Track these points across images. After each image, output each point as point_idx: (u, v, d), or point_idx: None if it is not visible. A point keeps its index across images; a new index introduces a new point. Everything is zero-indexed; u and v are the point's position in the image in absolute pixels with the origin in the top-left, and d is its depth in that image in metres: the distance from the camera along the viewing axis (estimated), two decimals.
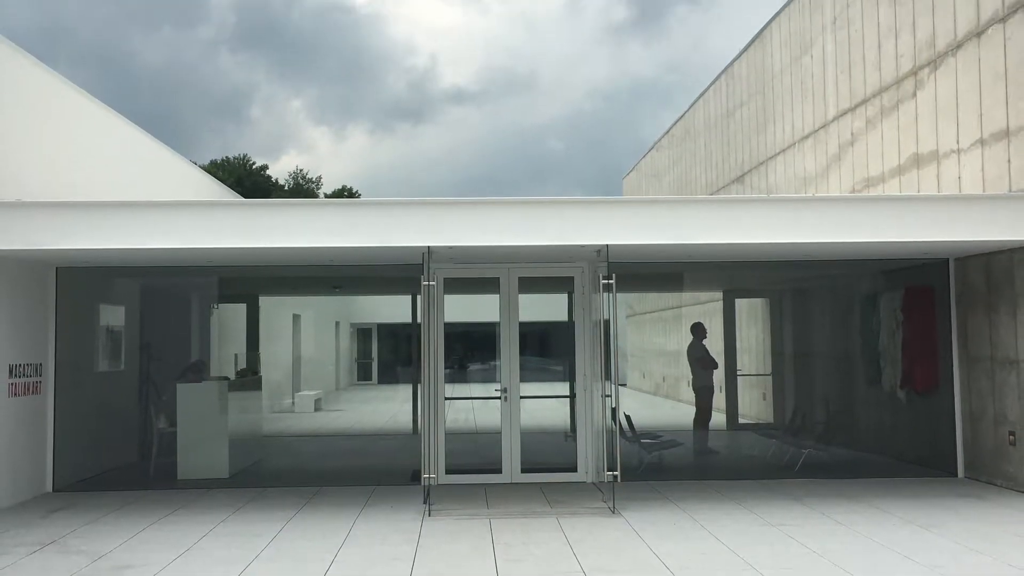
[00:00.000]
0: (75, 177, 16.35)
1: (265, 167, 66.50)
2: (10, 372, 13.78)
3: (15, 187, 14.00)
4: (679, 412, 22.27)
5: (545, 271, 15.60)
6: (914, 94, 16.14)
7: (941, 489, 13.94)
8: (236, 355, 21.20)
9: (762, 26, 23.63)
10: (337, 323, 31.40)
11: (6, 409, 13.65)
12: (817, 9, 20.14)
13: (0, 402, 13.52)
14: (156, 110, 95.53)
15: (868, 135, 17.77)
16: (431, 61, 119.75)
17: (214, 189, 26.51)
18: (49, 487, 14.81)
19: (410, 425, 20.02)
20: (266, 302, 23.05)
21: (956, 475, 15.12)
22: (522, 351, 15.31)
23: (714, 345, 19.87)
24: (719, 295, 22.26)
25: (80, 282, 15.61)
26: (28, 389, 14.28)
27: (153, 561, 10.08)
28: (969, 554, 9.98)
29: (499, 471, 15.07)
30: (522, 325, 15.36)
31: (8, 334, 13.81)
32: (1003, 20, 13.77)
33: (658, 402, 26.90)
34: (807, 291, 20.48)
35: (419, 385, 15.40)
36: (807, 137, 20.60)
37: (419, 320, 14.81)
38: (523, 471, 15.05)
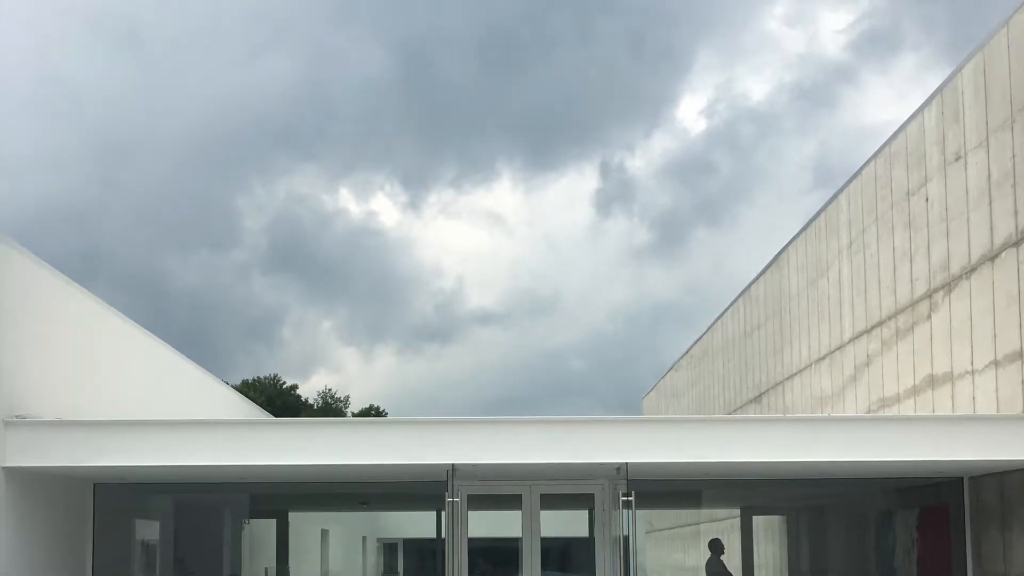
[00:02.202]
0: (112, 396, 16.71)
1: (295, 387, 67.19)
2: None
3: (54, 406, 14.32)
4: None
5: (566, 488, 15.81)
6: (929, 316, 16.24)
7: None
8: (266, 569, 21.35)
9: (779, 250, 24.05)
10: (364, 538, 31.44)
11: None
12: (833, 234, 20.45)
13: None
14: (191, 331, 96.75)
15: (884, 356, 17.88)
16: (458, 283, 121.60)
17: (245, 408, 26.99)
18: None
19: None
20: (295, 518, 23.25)
21: None
22: (544, 566, 15.44)
23: (731, 561, 19.87)
24: (737, 512, 22.30)
25: (117, 498, 15.84)
26: None
27: None
28: None
29: None
30: (544, 540, 15.53)
31: (47, 548, 14.06)
32: (1016, 244, 13.93)
33: None
34: (823, 508, 20.46)
35: None
36: (823, 358, 20.79)
37: (444, 535, 15.06)
38: None
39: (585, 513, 16.61)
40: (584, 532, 16.59)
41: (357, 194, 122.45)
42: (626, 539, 14.14)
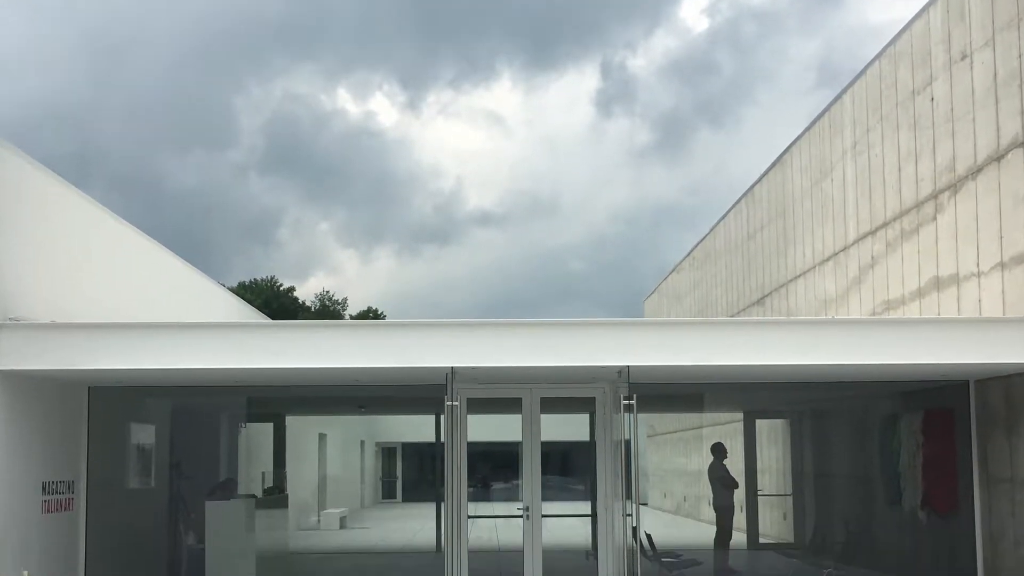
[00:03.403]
0: (107, 298, 16.60)
1: (292, 289, 67.03)
2: (44, 489, 13.94)
3: (49, 308, 14.21)
4: (700, 531, 22.23)
5: (567, 391, 15.71)
6: (934, 217, 16.11)
7: None
8: (263, 473, 21.34)
9: (783, 150, 23.80)
10: (362, 442, 31.51)
11: (40, 525, 13.78)
12: (837, 134, 20.26)
13: (34, 518, 13.65)
14: (187, 233, 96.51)
15: (888, 258, 17.75)
16: (457, 184, 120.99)
17: (242, 311, 26.86)
18: None
19: (434, 543, 20.05)
20: (293, 421, 23.21)
21: None
22: (544, 470, 15.40)
23: (734, 465, 19.86)
24: (739, 416, 22.27)
25: (112, 401, 15.76)
26: (61, 506, 14.44)
27: None
28: None
29: None
30: (544, 444, 15.46)
31: (42, 452, 13.97)
32: (1023, 144, 13.76)
33: (679, 521, 26.85)
34: (827, 412, 20.49)
35: (443, 503, 15.55)
36: (827, 260, 20.64)
37: (443, 439, 14.97)
38: None
39: (586, 417, 16.55)
40: (585, 436, 16.52)
41: (355, 94, 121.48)
42: (627, 443, 13.98)
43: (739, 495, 19.80)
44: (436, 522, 19.84)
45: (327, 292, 70.55)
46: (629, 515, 13.70)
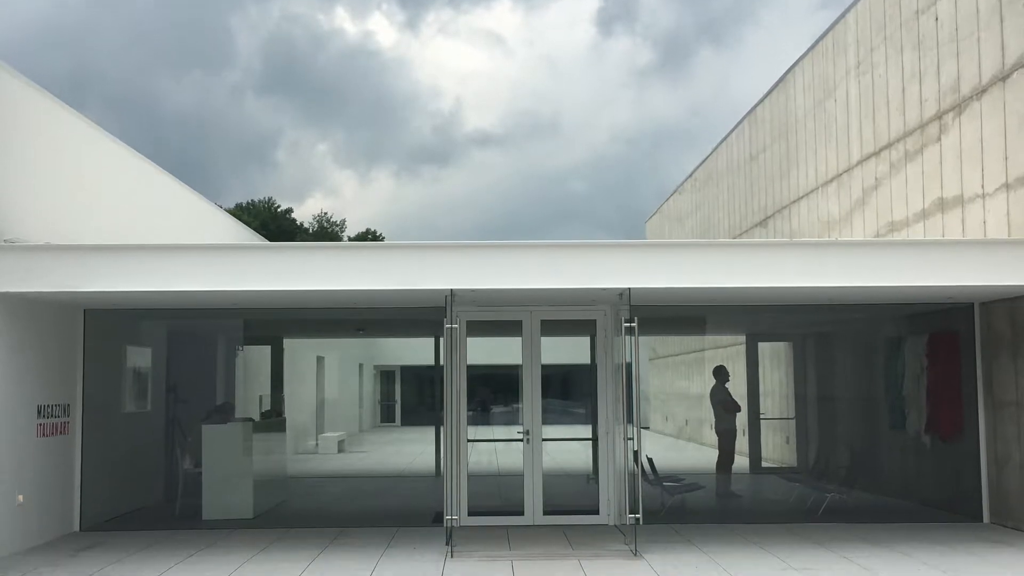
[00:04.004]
0: (103, 220, 16.51)
1: (290, 211, 66.81)
2: (39, 412, 13.89)
3: (44, 230, 14.14)
4: (702, 455, 22.20)
5: (567, 314, 15.61)
6: (938, 138, 16.08)
7: (966, 535, 13.87)
8: (261, 397, 21.28)
9: (785, 70, 23.62)
10: (361, 365, 31.47)
11: (35, 449, 13.76)
12: (840, 54, 20.13)
13: (29, 442, 13.62)
14: (183, 154, 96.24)
15: (892, 179, 17.69)
16: (456, 105, 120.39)
17: (239, 232, 26.69)
18: (76, 526, 14.89)
19: (433, 467, 20.01)
20: (291, 344, 23.14)
21: (981, 520, 15.02)
22: (544, 394, 15.32)
23: (737, 388, 19.80)
24: (742, 339, 22.20)
25: (108, 324, 15.72)
26: (56, 429, 14.39)
27: None
28: None
29: (521, 513, 15.09)
30: (544, 368, 15.38)
31: (37, 375, 13.91)
32: None
33: (681, 445, 26.82)
34: (831, 335, 20.43)
35: (442, 427, 15.46)
36: (830, 181, 20.54)
37: (442, 363, 14.84)
38: (545, 513, 15.06)
39: (586, 340, 16.43)
40: (585, 360, 16.39)
41: (353, 13, 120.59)
42: (628, 366, 13.83)
43: (741, 419, 19.75)
44: (435, 446, 19.80)
45: (325, 214, 70.34)
46: (630, 439, 13.60)
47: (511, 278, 12.98)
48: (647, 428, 29.28)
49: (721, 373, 19.17)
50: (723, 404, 18.97)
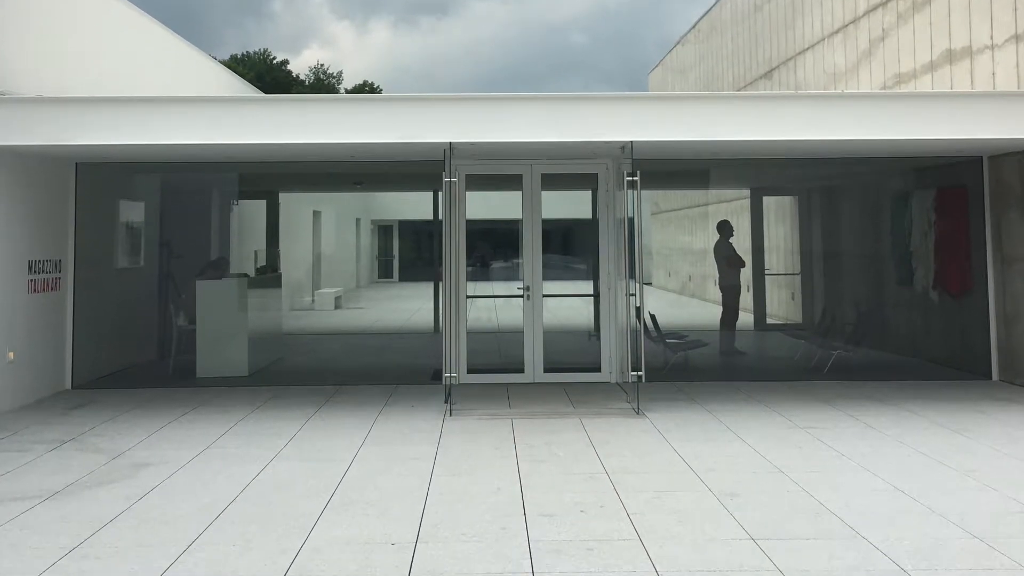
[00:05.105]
0: (96, 72, 16.19)
1: (286, 62, 65.99)
2: (30, 268, 13.68)
3: (35, 82, 13.84)
4: (705, 312, 22.07)
5: (568, 168, 15.32)
6: None
7: (974, 392, 13.71)
8: (256, 252, 21.06)
9: None
10: (358, 220, 31.24)
11: (26, 306, 13.57)
12: None
13: (20, 299, 13.43)
14: (177, 5, 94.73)
15: (899, 30, 17.34)
16: None
17: (235, 84, 26.21)
18: (68, 384, 14.74)
19: (431, 323, 19.87)
20: (286, 199, 22.86)
21: (990, 378, 14.90)
22: (545, 249, 15.07)
23: (741, 243, 19.57)
24: (746, 193, 21.93)
25: (100, 178, 15.45)
26: (48, 286, 14.17)
27: (172, 459, 9.97)
28: (1003, 458, 9.76)
29: (521, 371, 14.92)
30: (545, 223, 15.10)
31: (28, 230, 13.68)
32: None
33: (684, 301, 26.70)
34: (837, 189, 20.11)
35: (441, 283, 15.23)
36: (837, 32, 20.16)
37: (441, 217, 14.58)
38: (546, 371, 14.89)
39: (588, 194, 16.14)
40: (587, 214, 16.12)
41: None
42: (630, 221, 13.55)
43: (746, 274, 19.55)
44: (433, 302, 19.64)
45: (321, 65, 69.67)
46: (632, 295, 13.35)
47: (511, 131, 12.71)
48: (649, 284, 29.16)
49: (725, 228, 18.87)
50: (727, 259, 18.72)
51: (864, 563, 6.73)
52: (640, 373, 12.58)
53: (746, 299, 19.77)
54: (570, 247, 17.42)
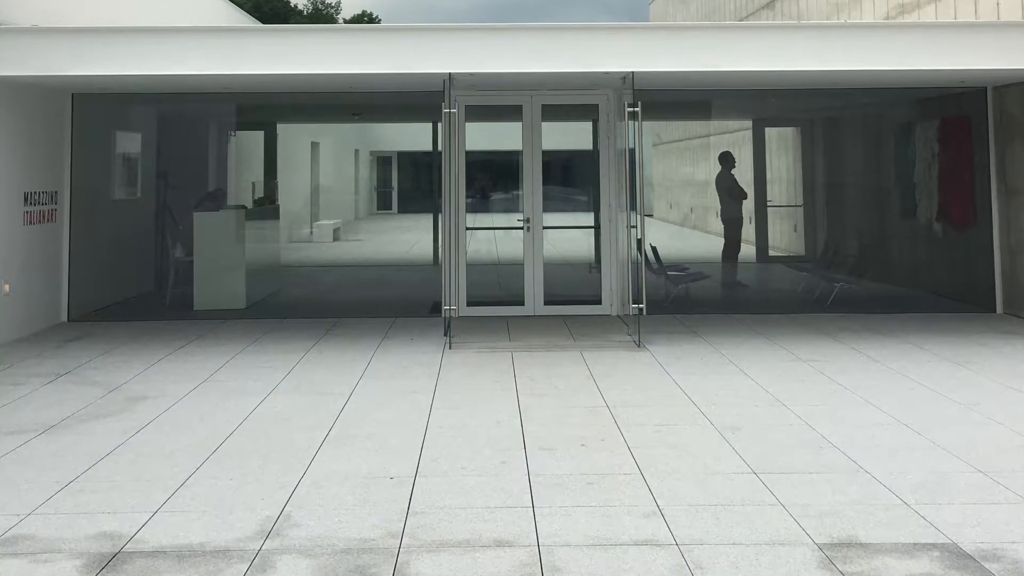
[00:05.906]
0: (92, 2, 16.06)
1: None
2: (25, 200, 13.54)
3: (29, 12, 13.65)
4: (707, 244, 21.95)
5: (569, 99, 15.18)
6: None
7: (978, 325, 13.60)
8: (253, 183, 20.91)
9: None
10: (356, 151, 31.03)
11: (21, 237, 13.45)
12: None
13: (16, 231, 13.31)
14: None
15: None
16: None
17: (232, 15, 25.93)
18: (64, 317, 14.62)
19: (430, 255, 19.76)
20: (284, 130, 22.68)
21: (994, 311, 14.77)
22: (545, 181, 14.94)
23: (743, 175, 19.39)
24: (748, 124, 21.75)
25: (96, 109, 15.27)
26: (43, 217, 14.04)
27: (169, 392, 9.90)
28: (1007, 391, 9.70)
29: (521, 303, 14.81)
30: (545, 154, 14.97)
31: (23, 161, 13.54)
32: None
33: (685, 233, 26.55)
34: (840, 120, 19.92)
35: (440, 215, 15.13)
36: None
37: (440, 148, 14.45)
38: (546, 303, 14.78)
39: (588, 125, 16.03)
40: (588, 145, 15.99)
41: None
42: (632, 152, 13.42)
43: (748, 206, 19.37)
44: (433, 234, 19.52)
45: None
46: (633, 227, 13.24)
47: (511, 61, 12.60)
48: (651, 216, 28.96)
49: (727, 159, 18.69)
50: (729, 191, 18.56)
51: (867, 497, 6.67)
52: (641, 306, 12.47)
53: (748, 231, 19.61)
54: (571, 179, 17.31)
